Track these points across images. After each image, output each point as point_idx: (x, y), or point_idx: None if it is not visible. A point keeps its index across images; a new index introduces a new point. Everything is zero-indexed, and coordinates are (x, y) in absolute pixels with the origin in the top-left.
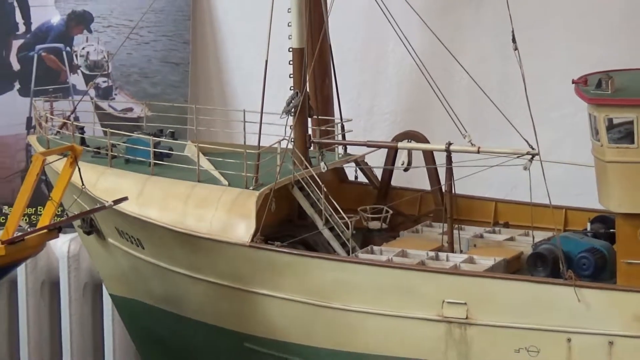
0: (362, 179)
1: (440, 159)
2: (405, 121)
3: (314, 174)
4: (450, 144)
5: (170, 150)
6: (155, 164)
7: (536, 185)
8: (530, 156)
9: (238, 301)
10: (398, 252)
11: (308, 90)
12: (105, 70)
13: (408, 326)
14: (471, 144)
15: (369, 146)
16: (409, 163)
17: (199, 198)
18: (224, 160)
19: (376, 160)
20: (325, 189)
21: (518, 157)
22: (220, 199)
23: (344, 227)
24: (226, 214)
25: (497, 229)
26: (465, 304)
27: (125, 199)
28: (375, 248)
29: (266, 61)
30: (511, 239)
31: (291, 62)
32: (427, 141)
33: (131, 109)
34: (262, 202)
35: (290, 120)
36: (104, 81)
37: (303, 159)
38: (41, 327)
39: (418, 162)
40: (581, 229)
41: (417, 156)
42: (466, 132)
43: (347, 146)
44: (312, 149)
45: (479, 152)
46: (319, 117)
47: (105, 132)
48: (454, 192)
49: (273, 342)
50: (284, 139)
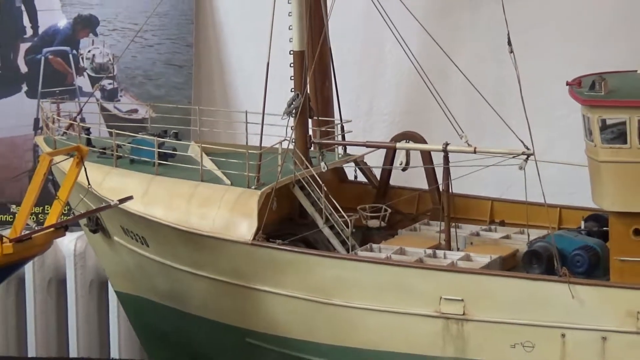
0: (361, 178)
1: (438, 159)
2: (404, 122)
3: (314, 173)
4: (447, 144)
5: (174, 150)
6: (160, 164)
7: (531, 185)
8: (526, 156)
9: (240, 298)
10: (396, 249)
11: (308, 92)
12: (110, 73)
13: (407, 322)
14: (468, 144)
15: (368, 146)
16: (407, 163)
17: (202, 197)
18: (227, 161)
19: (375, 160)
20: (326, 188)
21: (513, 157)
22: (223, 198)
23: (344, 226)
24: (229, 213)
25: (493, 227)
26: (462, 300)
27: (130, 198)
28: (375, 246)
29: (267, 64)
30: (507, 237)
31: (292, 65)
32: (425, 141)
33: (136, 111)
34: (263, 201)
35: (291, 121)
36: (110, 83)
37: (304, 159)
38: (48, 324)
39: (416, 162)
40: (575, 227)
41: (415, 156)
42: (463, 132)
43: (347, 146)
44: (312, 149)
45: (475, 152)
46: (319, 118)
47: (110, 133)
48: (451, 191)
49: (274, 337)
50: (285, 139)
